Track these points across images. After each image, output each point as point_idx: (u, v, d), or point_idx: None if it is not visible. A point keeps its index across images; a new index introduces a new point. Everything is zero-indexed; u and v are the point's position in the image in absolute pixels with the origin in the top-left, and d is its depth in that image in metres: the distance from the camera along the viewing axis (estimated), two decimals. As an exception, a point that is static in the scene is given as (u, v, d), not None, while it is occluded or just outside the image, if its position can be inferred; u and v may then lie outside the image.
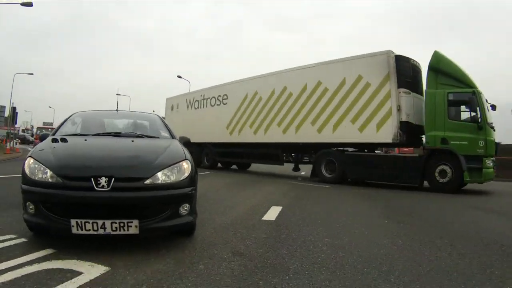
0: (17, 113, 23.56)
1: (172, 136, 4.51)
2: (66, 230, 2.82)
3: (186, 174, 3.27)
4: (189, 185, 3.25)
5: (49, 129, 19.42)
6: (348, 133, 10.71)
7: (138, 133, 4.40)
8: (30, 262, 2.62)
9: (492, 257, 3.22)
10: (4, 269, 2.45)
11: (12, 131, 26.12)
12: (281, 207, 5.70)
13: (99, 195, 2.86)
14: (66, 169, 3.02)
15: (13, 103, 23.58)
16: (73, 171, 3.01)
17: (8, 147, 22.87)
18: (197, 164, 15.36)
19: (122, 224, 2.82)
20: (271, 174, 14.72)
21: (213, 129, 15.65)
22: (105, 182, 2.89)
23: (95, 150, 3.52)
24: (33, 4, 17.94)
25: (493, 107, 10.15)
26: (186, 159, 3.42)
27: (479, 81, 9.69)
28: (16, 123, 25.87)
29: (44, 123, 63.02)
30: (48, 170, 3.01)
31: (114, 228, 2.82)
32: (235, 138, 14.73)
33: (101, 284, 2.29)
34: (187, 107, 17.77)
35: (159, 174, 3.11)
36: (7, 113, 27.41)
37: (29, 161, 3.18)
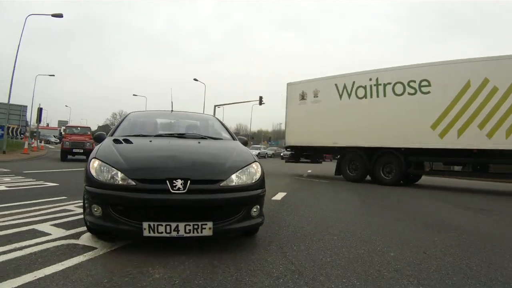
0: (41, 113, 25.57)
1: (233, 137, 4.45)
2: (137, 233, 2.81)
3: (258, 176, 3.27)
4: (260, 187, 3.26)
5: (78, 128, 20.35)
6: None
7: (201, 134, 4.32)
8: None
9: (415, 221, 5.10)
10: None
11: (37, 130, 28.33)
12: (285, 193, 7.71)
13: (175, 198, 2.83)
14: (139, 171, 2.97)
15: (40, 104, 25.74)
16: (147, 174, 2.97)
17: (35, 145, 24.88)
18: (360, 178, 12.50)
19: (196, 227, 2.81)
20: (278, 172, 16.44)
21: (403, 128, 11.36)
22: (181, 184, 2.86)
23: (165, 151, 3.46)
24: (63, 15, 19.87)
25: None
26: (255, 161, 3.42)
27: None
28: (40, 122, 27.91)
29: (60, 122, 65.32)
30: (119, 172, 2.95)
31: (187, 231, 2.80)
32: (451, 143, 10.56)
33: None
34: (340, 96, 12.92)
35: (233, 176, 3.11)
36: (28, 113, 29.63)
37: (95, 163, 3.12)
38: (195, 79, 36.68)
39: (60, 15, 19.59)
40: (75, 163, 14.62)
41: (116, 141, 3.70)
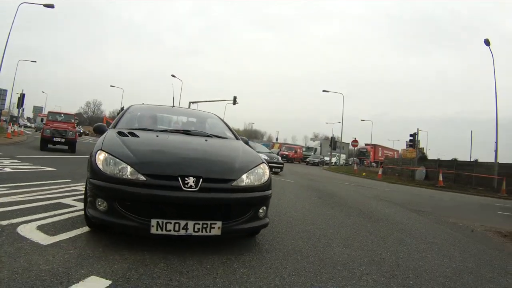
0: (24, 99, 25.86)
1: (236, 137, 4.42)
2: (143, 229, 2.72)
3: (266, 178, 3.27)
4: (268, 188, 3.27)
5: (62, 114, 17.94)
6: None
7: (206, 132, 4.29)
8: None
9: (359, 214, 6.42)
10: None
11: (18, 115, 28.51)
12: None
13: (186, 195, 2.77)
14: (149, 167, 2.88)
15: (22, 90, 26.06)
16: (158, 169, 2.88)
17: (16, 130, 25.16)
18: None
19: (205, 226, 2.75)
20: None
21: None
22: (193, 182, 2.80)
23: (174, 147, 3.38)
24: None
25: None
26: (263, 163, 3.41)
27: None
28: (22, 107, 28.11)
29: (35, 107, 64.44)
30: (128, 167, 2.85)
31: (196, 229, 2.74)
32: None
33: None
34: None
35: (244, 176, 3.09)
36: (8, 98, 29.81)
37: (101, 155, 3.01)
38: (172, 75, 37.35)
39: (51, 6, 20.13)
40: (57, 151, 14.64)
41: (121, 133, 3.58)
